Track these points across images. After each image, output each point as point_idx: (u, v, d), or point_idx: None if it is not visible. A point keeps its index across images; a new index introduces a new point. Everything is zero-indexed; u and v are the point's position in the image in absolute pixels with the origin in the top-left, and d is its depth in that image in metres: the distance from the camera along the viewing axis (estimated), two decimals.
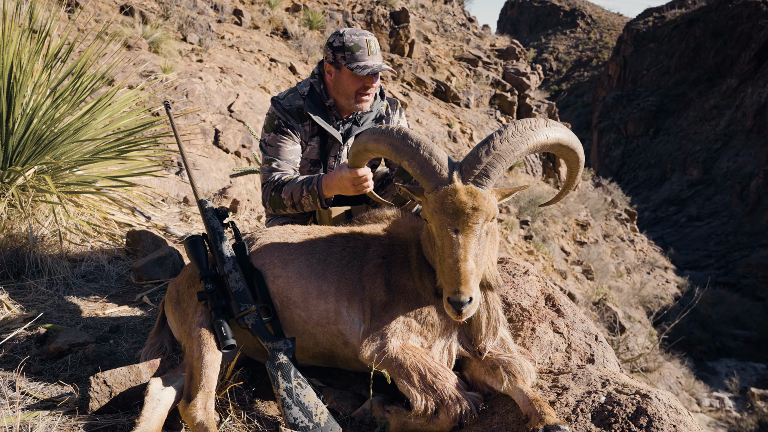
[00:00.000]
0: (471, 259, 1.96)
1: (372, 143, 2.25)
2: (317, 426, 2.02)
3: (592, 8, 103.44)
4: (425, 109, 17.04)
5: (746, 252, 39.27)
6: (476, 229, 1.99)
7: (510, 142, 2.02)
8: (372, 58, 3.08)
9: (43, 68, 3.86)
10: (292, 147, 3.17)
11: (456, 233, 1.98)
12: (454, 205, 1.97)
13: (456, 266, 1.94)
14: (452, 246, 1.97)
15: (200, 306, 2.27)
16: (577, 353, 2.52)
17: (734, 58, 57.36)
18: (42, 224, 3.71)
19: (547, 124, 2.09)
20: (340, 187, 2.83)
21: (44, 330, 2.74)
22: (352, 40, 3.04)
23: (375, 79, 3.14)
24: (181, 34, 11.33)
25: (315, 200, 2.94)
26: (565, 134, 2.13)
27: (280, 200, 3.05)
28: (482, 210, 1.98)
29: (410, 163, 2.09)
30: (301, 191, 2.97)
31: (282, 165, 3.14)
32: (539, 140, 2.06)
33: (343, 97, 3.17)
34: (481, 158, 2.02)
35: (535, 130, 2.05)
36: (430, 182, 2.05)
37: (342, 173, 2.76)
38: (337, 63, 3.09)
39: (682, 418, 1.86)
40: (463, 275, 1.93)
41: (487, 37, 28.48)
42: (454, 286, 1.93)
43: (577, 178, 2.33)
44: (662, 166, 56.63)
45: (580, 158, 2.22)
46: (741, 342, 26.63)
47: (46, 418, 2.05)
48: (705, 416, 16.76)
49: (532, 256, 14.21)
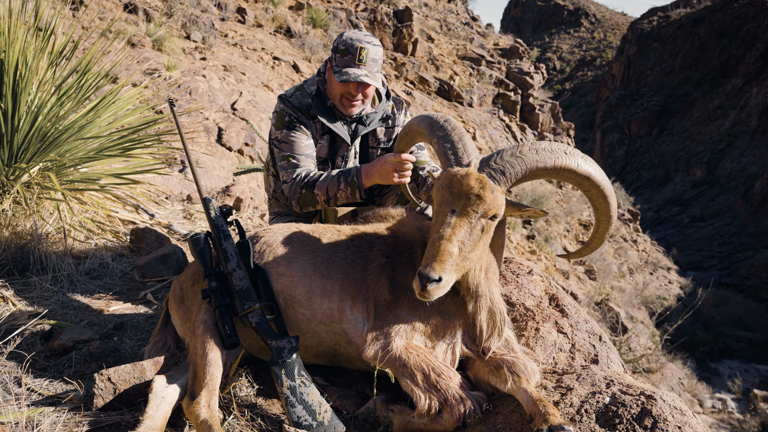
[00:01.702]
0: (455, 243, 1.95)
1: (416, 124, 2.38)
2: (321, 424, 2.02)
3: (596, 7, 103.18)
4: (428, 107, 17.03)
5: (750, 253, 39.14)
6: (472, 217, 1.98)
7: (538, 152, 2.01)
8: (358, 66, 3.00)
9: (48, 66, 3.86)
10: (307, 142, 3.14)
11: (452, 214, 1.99)
12: (459, 186, 1.99)
13: (438, 242, 1.95)
14: (443, 224, 1.98)
15: (204, 304, 2.28)
16: (581, 353, 2.52)
17: (739, 58, 57.16)
18: (46, 221, 3.71)
19: (584, 157, 2.04)
20: (381, 174, 2.83)
21: (49, 327, 2.75)
22: (345, 44, 3.00)
23: (359, 87, 3.07)
24: (184, 32, 11.34)
25: (354, 191, 2.94)
26: (599, 174, 2.05)
27: (312, 197, 3.03)
28: (484, 200, 1.97)
29: (440, 141, 2.17)
30: (338, 184, 2.96)
31: (302, 160, 3.10)
32: (569, 164, 2.01)
33: (333, 98, 3.16)
34: (504, 156, 2.04)
35: (568, 154, 2.02)
36: (449, 161, 2.12)
37: (386, 158, 2.79)
38: (331, 62, 3.09)
39: (687, 420, 1.86)
40: (441, 252, 1.93)
41: (490, 36, 28.44)
42: (429, 260, 1.94)
43: (606, 234, 2.20)
44: (666, 166, 56.48)
45: (611, 209, 2.12)
46: (744, 343, 26.56)
47: (51, 414, 2.06)
48: (707, 417, 16.72)
49: (535, 256, 14.19)
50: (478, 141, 17.67)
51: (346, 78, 2.98)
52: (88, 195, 4.02)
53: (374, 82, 3.03)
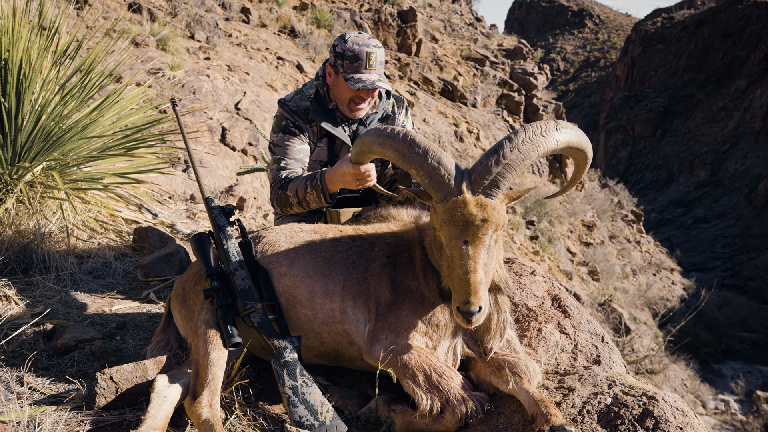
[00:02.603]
0: (480, 270, 1.94)
1: (377, 146, 2.18)
2: (323, 424, 2.02)
3: (600, 8, 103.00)
4: (432, 108, 17.03)
5: (753, 254, 39.05)
6: (486, 240, 1.96)
7: (520, 150, 1.95)
8: (369, 71, 3.02)
9: (52, 65, 3.87)
10: (301, 146, 3.16)
11: (465, 244, 1.95)
12: (463, 217, 1.94)
13: (466, 277, 1.92)
14: (462, 257, 1.94)
15: (206, 303, 2.28)
16: (584, 354, 2.52)
17: (743, 59, 57.00)
18: (50, 220, 3.72)
19: (557, 127, 2.01)
20: (343, 182, 2.80)
21: (51, 326, 2.75)
22: (352, 49, 2.99)
23: (369, 92, 3.11)
24: (188, 31, 11.35)
25: (319, 195, 2.90)
26: (575, 135, 2.06)
27: (286, 198, 3.03)
28: (492, 221, 1.95)
29: (418, 172, 2.04)
30: (305, 187, 2.94)
31: (290, 164, 3.12)
32: (549, 146, 1.99)
33: (339, 101, 3.18)
34: (491, 168, 1.95)
35: (545, 135, 1.98)
36: (439, 192, 2.00)
37: (344, 168, 2.72)
38: (335, 67, 3.08)
39: (689, 421, 1.85)
40: (473, 286, 1.91)
41: (494, 37, 28.44)
42: (464, 296, 1.92)
43: (583, 174, 2.28)
44: (669, 167, 56.35)
45: (588, 156, 2.17)
46: (747, 345, 26.49)
47: (53, 413, 2.06)
48: (710, 419, 16.68)
49: (538, 257, 14.18)
50: (482, 141, 17.68)
51: (362, 86, 2.98)
52: (92, 194, 4.03)
53: (387, 86, 3.08)
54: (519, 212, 16.88)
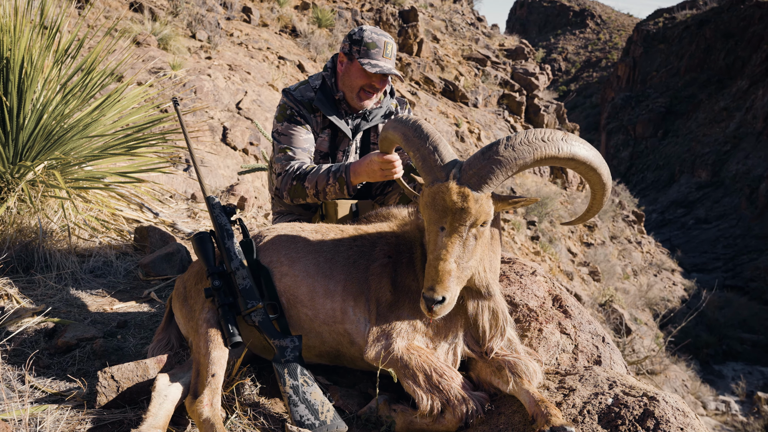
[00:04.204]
0: (452, 260, 1.93)
1: (391, 130, 2.28)
2: (323, 424, 2.02)
3: (602, 8, 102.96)
4: (433, 108, 17.03)
5: (754, 255, 39.03)
6: (462, 231, 1.95)
7: (515, 150, 1.91)
8: (385, 60, 3.12)
9: (54, 64, 3.88)
10: (306, 136, 3.19)
11: (441, 231, 1.97)
12: (444, 203, 1.95)
13: (435, 263, 1.94)
14: (436, 243, 1.97)
15: (207, 303, 2.28)
16: (584, 354, 2.52)
17: (745, 59, 56.96)
18: (51, 219, 3.73)
19: (564, 138, 1.93)
20: (368, 173, 2.84)
21: (52, 324, 2.76)
22: (371, 37, 3.09)
23: (383, 81, 3.17)
24: (190, 31, 11.36)
25: (342, 187, 2.94)
26: (582, 150, 1.95)
27: (302, 189, 3.05)
28: (470, 213, 1.93)
29: (415, 155, 2.09)
30: (327, 179, 2.97)
31: (298, 153, 3.14)
32: (549, 153, 1.91)
33: (348, 89, 3.21)
34: (482, 161, 1.94)
35: (547, 141, 1.91)
36: (428, 176, 2.03)
37: (371, 157, 2.79)
38: (351, 54, 3.13)
39: (690, 421, 1.85)
40: (440, 274, 1.92)
41: (495, 37, 28.42)
42: (430, 282, 1.93)
43: (602, 202, 2.14)
44: (671, 168, 56.32)
45: (602, 178, 2.04)
46: (748, 346, 26.47)
47: (55, 411, 2.06)
48: (711, 420, 16.66)
49: (539, 257, 14.17)
50: (483, 141, 17.66)
51: (378, 70, 3.06)
52: (93, 193, 4.03)
53: (400, 74, 3.12)
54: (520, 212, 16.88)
